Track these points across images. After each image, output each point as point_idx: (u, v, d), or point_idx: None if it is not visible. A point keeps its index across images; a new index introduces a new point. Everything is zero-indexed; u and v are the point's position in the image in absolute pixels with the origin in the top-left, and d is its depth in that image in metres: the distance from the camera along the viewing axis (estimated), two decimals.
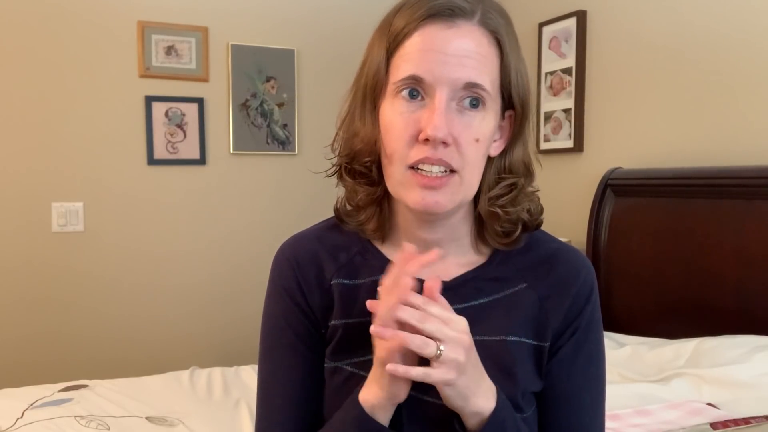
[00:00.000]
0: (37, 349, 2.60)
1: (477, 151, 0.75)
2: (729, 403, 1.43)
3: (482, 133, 0.75)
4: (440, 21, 0.73)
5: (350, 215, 0.85)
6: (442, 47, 0.73)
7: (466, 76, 0.72)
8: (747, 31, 1.90)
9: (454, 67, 0.72)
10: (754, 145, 1.88)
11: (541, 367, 0.82)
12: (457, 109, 0.74)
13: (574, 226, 2.40)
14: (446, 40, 0.73)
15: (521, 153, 0.82)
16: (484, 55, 0.74)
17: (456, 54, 0.72)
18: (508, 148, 0.81)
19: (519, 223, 0.81)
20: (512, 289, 0.82)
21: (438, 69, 0.72)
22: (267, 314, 0.87)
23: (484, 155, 0.78)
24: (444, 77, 0.72)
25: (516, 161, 0.81)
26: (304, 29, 2.98)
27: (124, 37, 2.68)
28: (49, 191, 2.61)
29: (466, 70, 0.72)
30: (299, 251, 0.86)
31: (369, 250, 0.85)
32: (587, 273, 0.84)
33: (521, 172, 0.82)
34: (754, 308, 1.76)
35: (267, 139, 2.95)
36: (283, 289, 0.84)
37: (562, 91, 2.55)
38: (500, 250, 0.84)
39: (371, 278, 0.83)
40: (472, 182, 0.77)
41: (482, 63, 0.74)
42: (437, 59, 0.72)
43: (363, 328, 0.82)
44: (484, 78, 0.74)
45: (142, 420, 1.63)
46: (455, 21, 0.73)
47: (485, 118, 0.75)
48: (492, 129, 0.77)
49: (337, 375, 0.82)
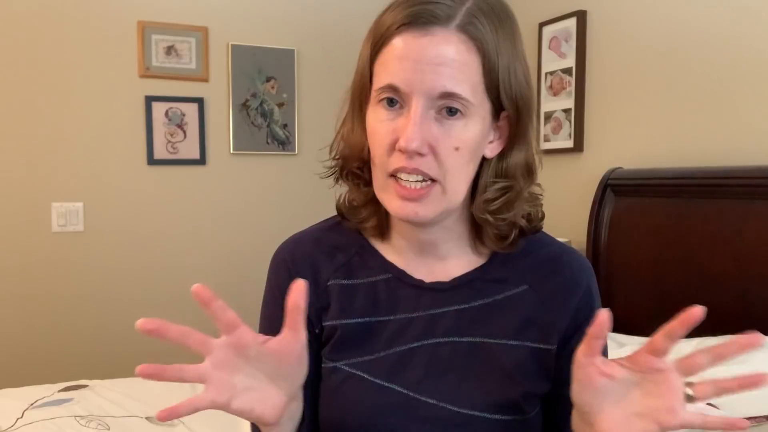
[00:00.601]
0: (37, 349, 2.60)
1: (458, 158, 0.73)
2: (729, 403, 1.43)
3: (463, 141, 0.73)
4: (417, 28, 0.71)
5: (352, 212, 0.85)
6: (418, 56, 0.71)
7: (441, 86, 0.71)
8: (747, 31, 1.90)
9: (429, 76, 0.70)
10: (754, 145, 1.88)
11: (546, 369, 0.81)
12: (436, 118, 0.72)
13: (574, 226, 2.40)
14: (421, 49, 0.71)
15: (522, 155, 0.79)
16: (462, 62, 0.71)
17: (431, 63, 0.70)
18: (507, 149, 0.79)
19: (514, 227, 0.79)
20: (513, 291, 0.82)
21: (413, 78, 0.71)
22: (262, 314, 0.88)
23: (469, 161, 0.75)
24: (419, 87, 0.71)
25: (514, 164, 0.78)
26: (304, 29, 2.98)
27: (124, 37, 2.68)
28: (49, 191, 2.61)
29: (441, 79, 0.70)
30: (295, 252, 0.86)
31: (367, 250, 0.85)
32: (589, 275, 0.84)
33: (520, 174, 0.79)
34: (754, 308, 1.76)
35: (267, 139, 2.95)
36: (278, 290, 0.84)
37: (562, 91, 2.55)
38: (501, 251, 0.83)
39: (369, 279, 0.83)
40: (456, 190, 0.75)
41: (459, 70, 0.71)
42: (412, 68, 0.71)
43: (361, 329, 0.82)
44: (462, 86, 0.71)
45: (142, 420, 1.63)
46: (431, 28, 0.71)
47: (467, 124, 0.73)
48: (477, 135, 0.74)
49: (335, 375, 0.82)
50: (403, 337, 0.81)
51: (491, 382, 0.78)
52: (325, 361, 0.83)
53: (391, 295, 0.82)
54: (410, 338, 0.81)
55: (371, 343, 0.81)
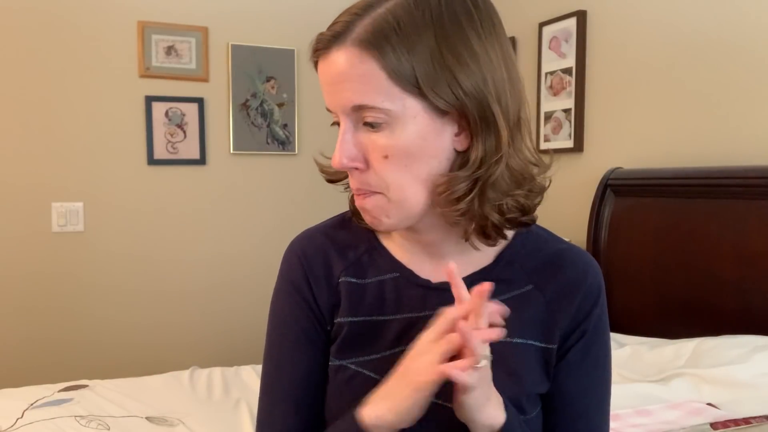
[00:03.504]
0: (37, 349, 2.60)
1: (390, 166, 0.72)
2: (729, 403, 1.43)
3: (392, 147, 0.72)
4: (322, 53, 0.73)
5: (358, 213, 0.85)
6: (327, 78, 0.74)
7: (348, 101, 0.72)
8: (747, 31, 1.90)
9: (338, 96, 0.73)
10: (754, 145, 1.88)
11: (548, 369, 0.81)
12: (365, 130, 0.73)
13: (574, 226, 2.40)
14: (327, 71, 0.73)
15: (491, 141, 0.72)
16: (359, 73, 0.70)
17: (335, 83, 0.72)
18: (473, 140, 0.73)
19: (502, 220, 0.76)
20: (519, 291, 0.82)
21: (330, 100, 0.74)
22: (274, 308, 0.88)
23: (407, 166, 0.73)
24: (336, 107, 0.74)
25: (481, 152, 0.72)
26: (304, 29, 2.98)
27: (124, 37, 2.68)
28: (49, 191, 2.61)
29: (346, 95, 0.72)
30: (308, 247, 0.86)
31: (376, 248, 0.85)
32: (595, 275, 0.84)
33: (490, 162, 0.73)
34: (754, 308, 1.76)
35: (267, 139, 2.95)
36: (291, 284, 0.85)
37: (562, 91, 2.55)
38: (508, 250, 0.83)
39: (377, 278, 0.83)
40: (405, 197, 0.74)
41: (359, 82, 0.70)
42: (328, 91, 0.74)
43: (368, 327, 0.82)
44: (369, 96, 0.70)
45: (142, 420, 1.63)
46: (330, 51, 0.72)
47: (394, 131, 0.71)
48: (412, 137, 0.71)
49: (341, 373, 0.82)
50: (409, 336, 0.81)
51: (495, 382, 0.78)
52: (332, 359, 0.83)
53: (398, 294, 0.83)
54: (416, 338, 0.81)
55: (377, 342, 0.81)
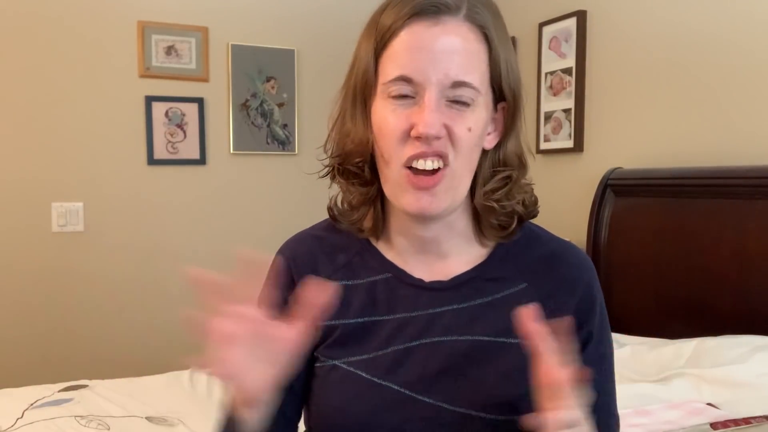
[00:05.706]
0: (37, 349, 2.60)
1: (469, 140, 0.75)
2: (729, 403, 1.43)
3: (474, 122, 0.75)
4: (426, 18, 0.73)
5: (344, 214, 0.85)
6: (429, 45, 0.73)
7: (454, 74, 0.73)
8: (747, 31, 1.90)
9: (441, 65, 0.72)
10: (754, 145, 1.88)
11: None
12: (447, 105, 0.74)
13: (574, 226, 2.40)
14: (433, 38, 0.73)
15: (515, 145, 0.82)
16: (471, 51, 0.74)
17: (443, 51, 0.72)
18: (503, 140, 0.81)
19: (514, 215, 0.81)
20: (512, 289, 0.82)
21: (426, 68, 0.73)
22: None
23: (476, 146, 0.78)
24: (432, 76, 0.73)
25: (510, 153, 0.81)
26: (304, 29, 2.98)
27: (124, 37, 2.68)
28: (49, 191, 2.61)
29: (453, 68, 0.72)
30: (296, 251, 0.87)
31: (368, 249, 0.86)
32: (589, 271, 0.84)
33: (515, 164, 0.82)
34: (754, 308, 1.76)
35: (267, 139, 2.95)
36: (272, 281, 0.85)
37: (562, 91, 2.55)
38: (501, 247, 0.84)
39: (369, 279, 0.83)
40: (463, 175, 0.77)
41: (470, 59, 0.74)
42: (425, 58, 0.73)
43: (360, 328, 0.82)
44: (473, 74, 0.74)
45: (142, 420, 1.63)
46: (441, 18, 0.73)
47: (475, 111, 0.75)
48: (484, 121, 0.77)
49: (334, 373, 0.82)
50: (401, 336, 0.81)
51: (489, 382, 0.78)
52: (324, 360, 0.83)
53: (390, 294, 0.83)
54: (409, 337, 0.81)
55: (370, 342, 0.82)
